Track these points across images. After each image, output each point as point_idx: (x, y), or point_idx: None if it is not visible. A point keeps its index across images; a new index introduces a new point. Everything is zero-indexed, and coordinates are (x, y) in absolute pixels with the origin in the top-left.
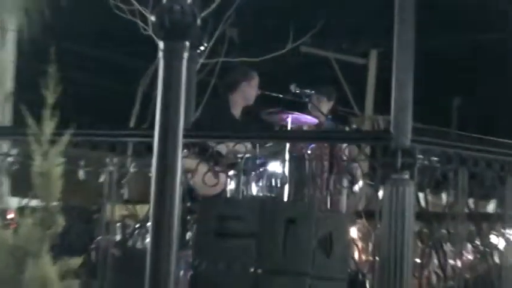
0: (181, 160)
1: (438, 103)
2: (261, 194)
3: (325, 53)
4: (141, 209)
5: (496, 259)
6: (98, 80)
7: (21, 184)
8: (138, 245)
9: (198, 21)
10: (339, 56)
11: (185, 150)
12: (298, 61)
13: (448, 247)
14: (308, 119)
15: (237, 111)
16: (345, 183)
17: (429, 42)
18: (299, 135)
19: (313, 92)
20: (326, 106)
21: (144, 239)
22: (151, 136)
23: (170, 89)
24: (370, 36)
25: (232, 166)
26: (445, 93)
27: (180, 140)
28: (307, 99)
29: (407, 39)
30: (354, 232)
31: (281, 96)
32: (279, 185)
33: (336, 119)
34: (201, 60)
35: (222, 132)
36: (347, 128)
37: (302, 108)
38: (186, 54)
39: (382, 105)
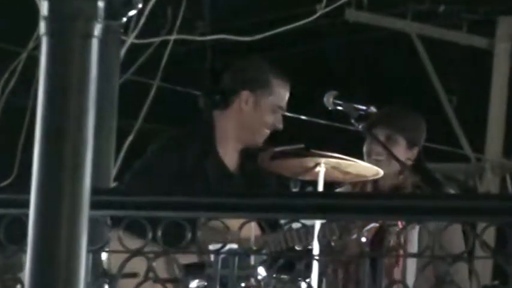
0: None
1: None
2: None
3: (396, 21)
4: None
5: None
6: None
7: None
8: None
9: None
10: (428, 28)
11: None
12: (339, 41)
13: None
14: (364, 167)
15: (229, 153)
16: None
17: None
18: (346, 204)
19: (371, 108)
20: (402, 153)
21: None
22: (23, 204)
23: (65, 99)
24: None
25: (195, 270)
26: None
27: (86, 212)
28: (358, 125)
29: None
30: None
31: (303, 118)
32: None
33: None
34: (131, 39)
35: (177, 195)
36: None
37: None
38: (98, 27)
39: None
